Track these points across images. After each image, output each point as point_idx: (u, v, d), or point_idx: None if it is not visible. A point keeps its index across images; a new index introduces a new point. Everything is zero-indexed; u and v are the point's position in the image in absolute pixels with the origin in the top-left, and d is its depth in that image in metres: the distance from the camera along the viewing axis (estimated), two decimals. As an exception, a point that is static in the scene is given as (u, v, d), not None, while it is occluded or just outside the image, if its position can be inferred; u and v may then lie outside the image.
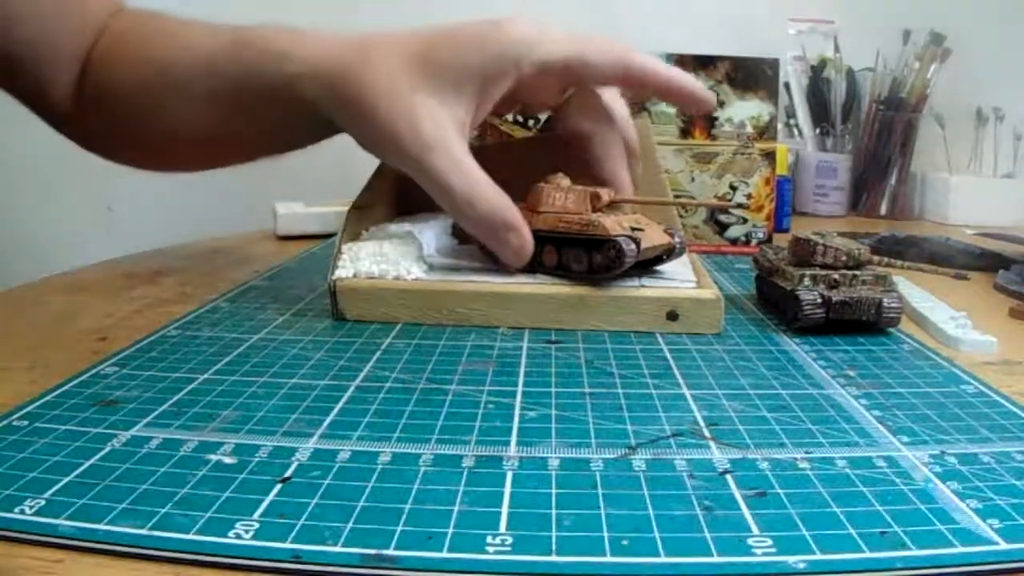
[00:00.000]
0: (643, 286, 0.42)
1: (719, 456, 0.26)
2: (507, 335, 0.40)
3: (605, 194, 0.43)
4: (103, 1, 0.52)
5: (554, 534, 0.21)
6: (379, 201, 0.51)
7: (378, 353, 0.37)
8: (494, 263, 0.45)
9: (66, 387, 0.32)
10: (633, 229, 0.42)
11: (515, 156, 0.54)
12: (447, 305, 0.42)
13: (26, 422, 0.28)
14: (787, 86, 1.00)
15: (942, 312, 0.45)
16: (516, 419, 0.29)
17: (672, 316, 0.41)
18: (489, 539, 0.21)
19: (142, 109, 0.48)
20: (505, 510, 0.23)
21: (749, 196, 0.67)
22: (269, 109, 0.44)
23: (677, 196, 0.67)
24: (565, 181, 0.45)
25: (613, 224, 0.41)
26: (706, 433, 0.28)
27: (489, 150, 0.55)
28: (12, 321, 0.43)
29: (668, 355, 0.37)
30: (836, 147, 1.01)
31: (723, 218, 0.68)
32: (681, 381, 0.34)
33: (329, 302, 0.43)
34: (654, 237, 0.43)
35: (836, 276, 0.41)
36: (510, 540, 0.21)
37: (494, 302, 0.41)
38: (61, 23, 0.49)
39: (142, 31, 0.50)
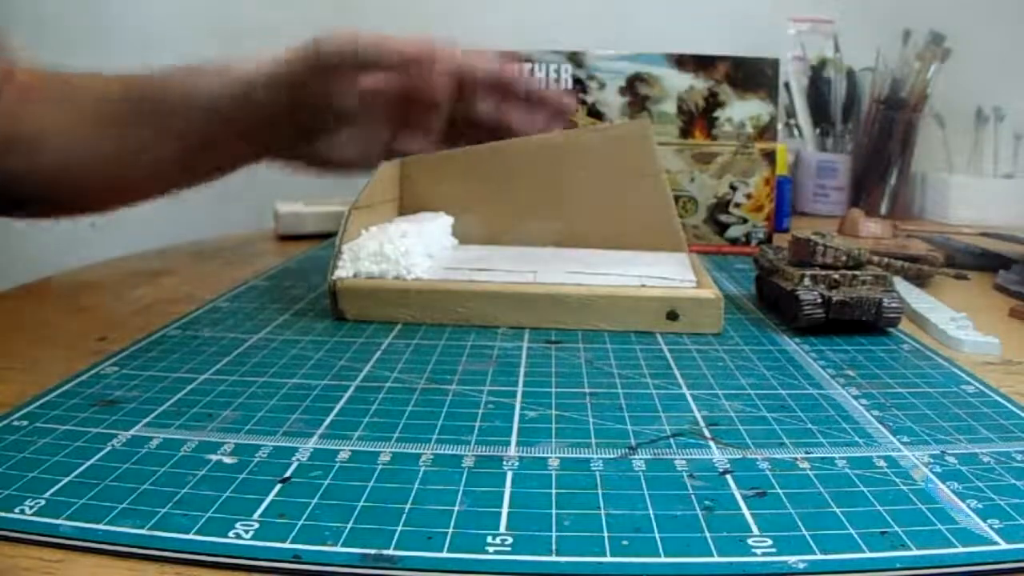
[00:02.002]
0: (644, 286, 0.42)
1: (719, 456, 0.26)
2: (507, 335, 0.40)
3: None
4: None
5: (554, 534, 0.21)
6: (379, 201, 0.51)
7: (378, 353, 0.37)
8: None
9: (66, 387, 0.32)
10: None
11: (510, 157, 0.54)
12: (447, 305, 0.42)
13: (26, 422, 0.28)
14: (787, 86, 1.00)
15: (942, 312, 0.45)
16: (516, 419, 0.29)
17: (672, 316, 0.41)
18: (489, 539, 0.21)
19: (65, 149, 0.49)
20: (505, 510, 0.23)
21: (749, 196, 0.67)
22: (206, 125, 0.49)
23: (678, 197, 0.67)
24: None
25: None
26: (706, 433, 0.28)
27: (486, 150, 0.55)
28: (12, 321, 0.43)
29: (668, 355, 0.37)
30: (836, 147, 1.01)
31: (723, 218, 0.68)
32: (681, 381, 0.34)
33: (329, 302, 0.43)
34: None
35: (836, 276, 0.41)
36: (510, 540, 0.21)
37: (494, 302, 0.41)
38: None
39: (54, 79, 0.53)
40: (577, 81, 0.68)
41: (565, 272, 0.43)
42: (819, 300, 0.41)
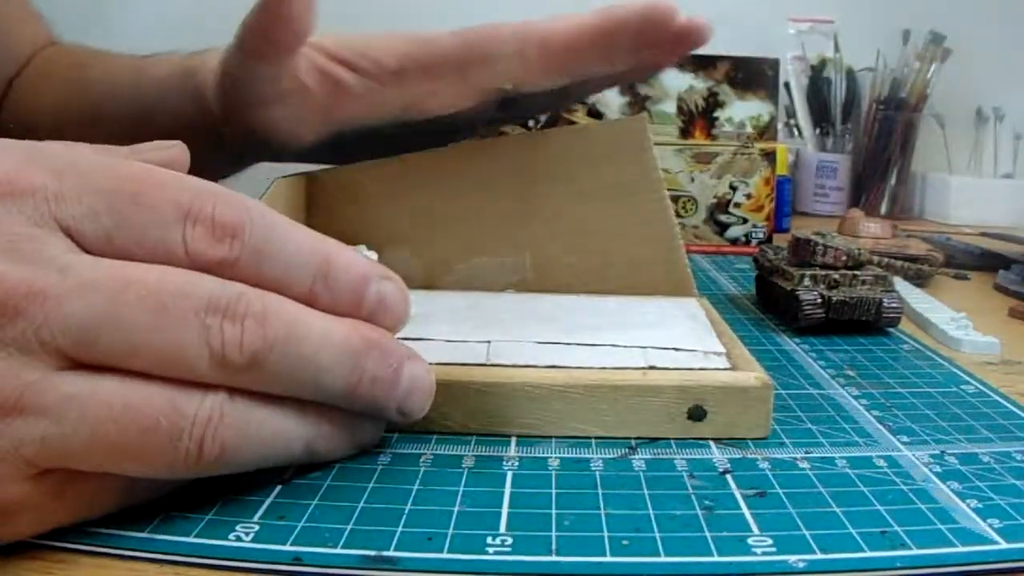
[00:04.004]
0: (652, 367, 0.29)
1: (719, 456, 0.26)
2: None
3: None
4: (34, 35, 0.53)
5: (554, 534, 0.21)
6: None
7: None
8: None
9: (66, 389, 0.32)
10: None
11: (458, 168, 0.41)
12: None
13: (26, 424, 0.28)
14: (787, 86, 1.00)
15: (942, 312, 0.45)
16: (516, 420, 0.29)
17: (696, 415, 0.28)
18: (489, 540, 0.21)
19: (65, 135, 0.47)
20: (505, 510, 0.23)
21: (749, 196, 0.67)
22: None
23: (677, 197, 0.67)
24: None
25: None
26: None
27: (423, 159, 0.41)
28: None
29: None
30: (836, 147, 1.01)
31: (723, 218, 0.68)
32: (681, 381, 0.34)
33: None
34: None
35: (836, 276, 0.41)
36: (510, 540, 0.21)
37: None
38: None
39: (72, 58, 0.51)
40: (577, 82, 0.68)
41: (533, 342, 0.30)
42: (819, 300, 0.41)
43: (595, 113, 0.68)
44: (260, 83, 0.37)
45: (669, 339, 0.31)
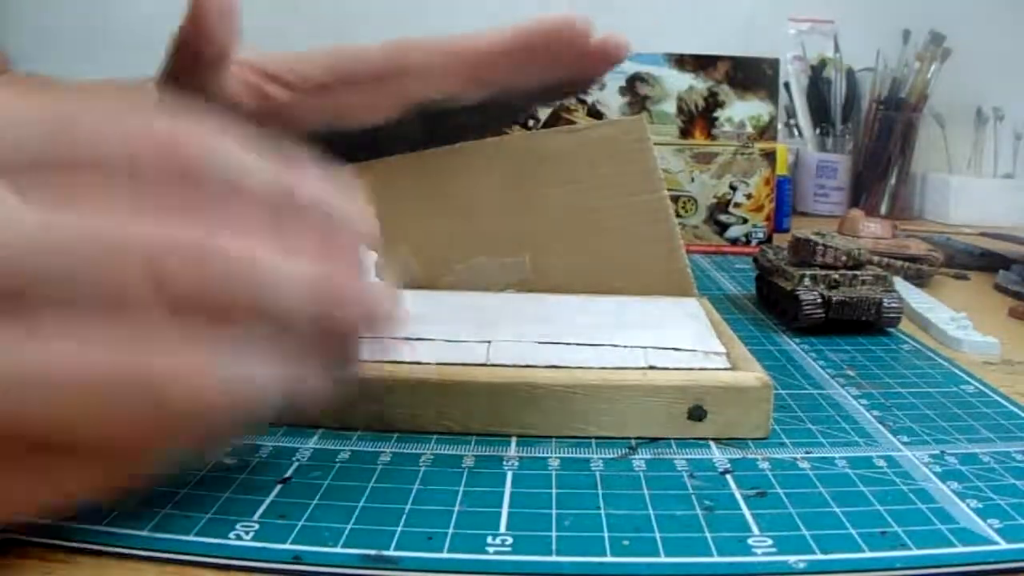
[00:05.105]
0: (652, 367, 0.29)
1: (719, 456, 0.26)
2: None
3: None
4: None
5: (554, 534, 0.21)
6: None
7: (378, 354, 0.37)
8: None
9: (66, 388, 0.32)
10: None
11: (456, 169, 0.41)
12: (348, 404, 0.27)
13: (26, 423, 0.28)
14: (787, 86, 1.00)
15: (942, 312, 0.45)
16: (516, 419, 0.29)
17: (696, 415, 0.28)
18: (489, 539, 0.21)
19: None
20: (505, 510, 0.23)
21: (749, 196, 0.67)
22: None
23: (677, 197, 0.67)
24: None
25: None
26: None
27: (420, 159, 0.41)
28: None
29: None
30: (836, 147, 1.01)
31: (723, 218, 0.68)
32: (681, 381, 0.34)
33: None
34: None
35: (836, 276, 0.41)
36: (510, 540, 0.21)
37: (425, 396, 0.28)
38: None
39: (22, 86, 0.52)
40: (577, 81, 0.68)
41: (533, 342, 0.30)
42: (819, 300, 0.41)
43: (595, 113, 0.68)
44: (190, 97, 0.38)
45: (669, 339, 0.31)
